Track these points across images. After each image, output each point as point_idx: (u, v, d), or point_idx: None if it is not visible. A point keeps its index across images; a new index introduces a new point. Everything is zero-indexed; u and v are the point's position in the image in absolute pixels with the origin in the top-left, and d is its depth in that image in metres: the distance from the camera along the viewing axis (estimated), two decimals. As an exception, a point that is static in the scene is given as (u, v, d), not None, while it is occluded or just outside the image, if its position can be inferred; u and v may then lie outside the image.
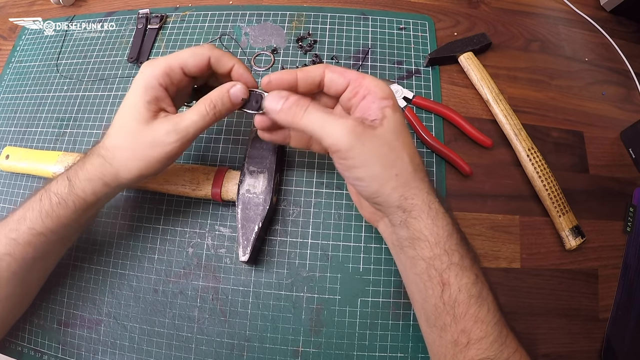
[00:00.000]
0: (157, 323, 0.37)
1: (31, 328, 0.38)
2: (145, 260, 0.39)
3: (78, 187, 0.30)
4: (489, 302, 0.26)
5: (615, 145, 0.45)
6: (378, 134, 0.26)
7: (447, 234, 0.26)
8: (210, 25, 0.49)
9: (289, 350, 0.35)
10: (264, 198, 0.35)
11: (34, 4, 0.56)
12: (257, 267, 0.38)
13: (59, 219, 0.30)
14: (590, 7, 0.52)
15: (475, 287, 0.26)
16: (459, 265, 0.26)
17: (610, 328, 0.37)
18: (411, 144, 0.28)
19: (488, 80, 0.43)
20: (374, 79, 0.28)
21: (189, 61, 0.30)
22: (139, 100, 0.29)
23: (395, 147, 0.27)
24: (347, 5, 0.50)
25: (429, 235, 0.26)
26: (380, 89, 0.27)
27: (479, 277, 0.26)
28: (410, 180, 0.27)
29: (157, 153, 0.29)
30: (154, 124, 0.29)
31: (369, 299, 0.36)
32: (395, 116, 0.27)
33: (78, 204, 0.30)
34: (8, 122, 0.47)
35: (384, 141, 0.26)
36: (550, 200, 0.39)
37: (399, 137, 0.27)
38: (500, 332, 0.25)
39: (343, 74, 0.28)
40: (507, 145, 0.42)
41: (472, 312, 0.25)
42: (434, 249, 0.26)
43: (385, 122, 0.27)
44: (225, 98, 0.30)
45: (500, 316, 0.26)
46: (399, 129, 0.27)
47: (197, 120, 0.29)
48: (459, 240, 0.27)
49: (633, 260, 0.39)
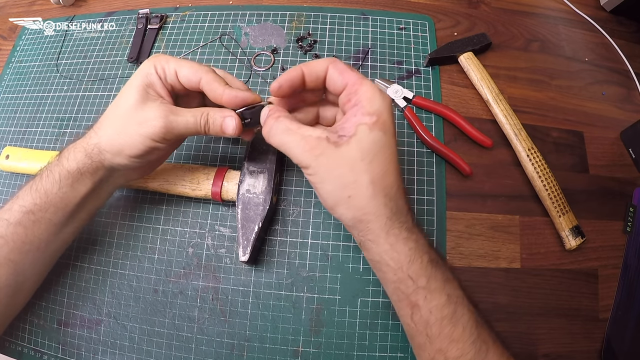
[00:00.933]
0: (157, 323, 0.37)
1: (31, 328, 0.38)
2: (145, 260, 0.39)
3: (64, 157, 0.31)
4: (464, 321, 0.25)
5: (615, 145, 0.45)
6: (340, 153, 0.25)
7: (408, 260, 0.26)
8: (210, 25, 0.49)
9: (289, 350, 0.35)
10: (264, 198, 0.35)
11: (34, 4, 0.56)
12: (257, 267, 0.38)
13: (45, 194, 0.30)
14: (590, 7, 0.52)
15: (448, 308, 0.25)
16: (426, 289, 0.26)
17: (610, 328, 0.37)
18: (383, 165, 0.26)
19: (488, 80, 0.43)
20: (372, 88, 0.26)
21: (184, 69, 0.30)
22: (138, 82, 0.30)
23: (355, 168, 0.25)
24: (347, 5, 0.50)
25: (388, 260, 0.26)
26: (370, 102, 0.26)
27: (451, 297, 0.26)
28: (365, 205, 0.26)
29: (142, 131, 0.29)
30: (148, 105, 0.29)
31: (369, 299, 0.36)
32: (371, 135, 0.25)
33: (62, 175, 0.30)
34: (8, 122, 0.47)
35: (344, 161, 0.25)
36: (550, 200, 0.39)
37: (365, 158, 0.25)
38: (479, 349, 0.25)
39: (343, 73, 0.27)
40: (507, 145, 0.42)
41: (446, 333, 0.25)
42: (397, 273, 0.26)
43: (353, 141, 0.25)
44: (217, 123, 0.30)
45: (479, 332, 0.25)
46: (368, 148, 0.25)
47: (189, 122, 0.30)
48: (426, 263, 0.26)
49: (633, 260, 0.39)
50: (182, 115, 0.29)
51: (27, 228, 0.31)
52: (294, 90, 0.29)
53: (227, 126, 0.30)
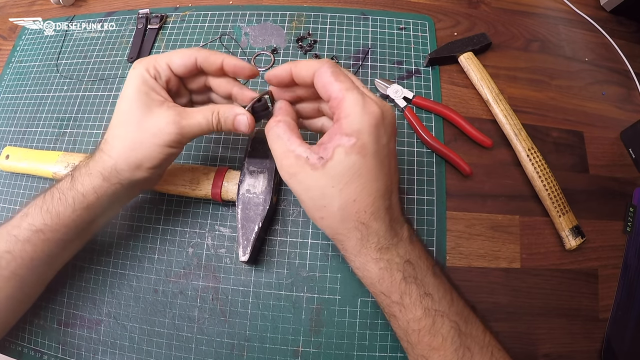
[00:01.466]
0: (157, 323, 0.37)
1: (31, 328, 0.38)
2: (145, 260, 0.39)
3: (79, 181, 0.30)
4: (444, 332, 0.25)
5: (615, 145, 0.45)
6: (314, 176, 0.25)
7: (378, 278, 0.26)
8: (210, 25, 0.49)
9: (289, 350, 0.35)
10: (264, 198, 0.35)
11: (34, 4, 0.56)
12: (257, 267, 0.38)
13: (58, 216, 0.30)
14: (590, 7, 0.52)
15: (425, 321, 0.26)
16: (399, 304, 0.26)
17: (610, 328, 0.37)
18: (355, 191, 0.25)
19: (488, 80, 0.43)
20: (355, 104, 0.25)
21: (175, 59, 0.30)
22: (137, 91, 0.29)
23: (325, 194, 0.25)
24: (347, 5, 0.50)
25: (361, 275, 0.27)
26: (349, 121, 0.24)
27: (428, 311, 0.26)
28: (336, 227, 0.26)
29: (158, 140, 0.28)
30: (155, 112, 0.29)
31: (369, 299, 0.36)
32: (346, 160, 0.24)
33: (77, 200, 0.30)
34: (8, 122, 0.47)
35: (316, 185, 0.25)
36: (550, 200, 0.39)
37: (337, 183, 0.25)
38: (462, 356, 0.25)
39: (325, 87, 0.26)
40: (507, 145, 0.42)
41: (425, 341, 0.26)
42: (371, 287, 0.28)
43: (328, 165, 0.24)
44: (229, 120, 0.30)
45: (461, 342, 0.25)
46: (341, 176, 0.24)
47: (202, 123, 0.29)
48: (398, 281, 0.26)
49: (633, 260, 0.39)
50: (193, 117, 0.29)
51: (36, 246, 0.30)
52: (284, 85, 0.29)
53: (240, 123, 0.29)
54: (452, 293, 0.27)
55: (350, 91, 0.25)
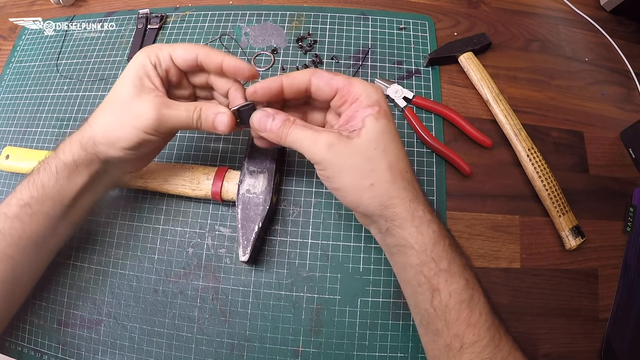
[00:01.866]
0: (157, 323, 0.37)
1: (31, 328, 0.38)
2: (145, 260, 0.39)
3: (60, 150, 0.31)
4: (480, 306, 0.26)
5: (615, 145, 0.45)
6: (354, 145, 0.26)
7: (432, 242, 0.26)
8: (210, 25, 0.49)
9: (289, 350, 0.35)
10: (264, 198, 0.35)
11: (34, 4, 0.56)
12: (257, 267, 0.38)
13: (42, 187, 0.30)
14: (590, 7, 0.52)
15: (466, 292, 0.26)
16: (447, 272, 0.26)
17: (610, 328, 0.37)
18: (395, 151, 0.27)
19: (488, 80, 0.43)
20: (363, 84, 0.27)
21: (178, 51, 0.30)
22: (132, 73, 0.30)
23: (371, 157, 0.26)
24: (347, 5, 0.50)
25: (414, 243, 0.26)
26: (367, 95, 0.27)
27: (469, 282, 0.26)
28: (389, 190, 0.26)
29: (137, 122, 0.29)
30: (143, 97, 0.29)
31: (369, 299, 0.36)
32: (378, 124, 0.26)
33: (59, 168, 0.30)
34: (8, 122, 0.47)
35: (360, 151, 0.26)
36: (550, 200, 0.39)
37: (378, 146, 0.26)
38: (493, 335, 0.25)
39: (330, 81, 0.28)
40: (507, 145, 0.42)
41: (463, 317, 0.26)
42: (420, 256, 0.26)
43: (363, 132, 0.26)
44: (209, 119, 0.30)
45: (493, 319, 0.26)
46: (379, 138, 0.26)
47: (181, 115, 0.30)
48: (447, 246, 0.27)
49: (633, 260, 0.39)
50: (175, 108, 0.30)
51: (24, 222, 0.30)
52: (270, 98, 0.29)
53: (219, 122, 0.30)
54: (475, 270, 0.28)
55: (354, 78, 0.28)
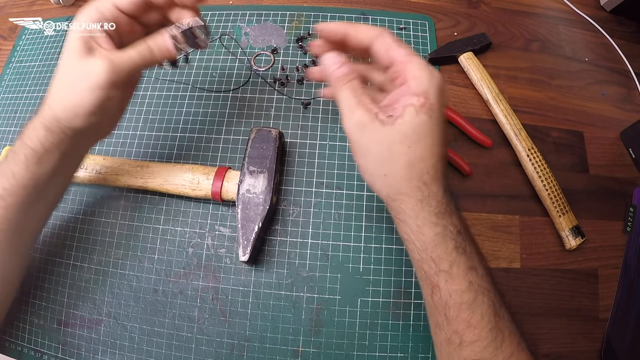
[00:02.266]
0: (157, 323, 0.37)
1: (31, 328, 0.38)
2: (145, 260, 0.39)
3: (26, 137, 0.30)
4: (483, 308, 0.25)
5: (615, 145, 0.45)
6: (384, 131, 0.25)
7: (434, 243, 0.26)
8: (210, 25, 0.49)
9: (289, 350, 0.35)
10: (264, 198, 0.35)
11: (34, 4, 0.56)
12: (257, 267, 0.38)
13: (13, 177, 0.29)
14: (590, 7, 0.52)
15: (468, 294, 0.25)
16: (447, 273, 0.26)
17: (610, 328, 0.37)
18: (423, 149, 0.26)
19: (488, 80, 0.43)
20: (419, 66, 0.26)
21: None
22: (73, 38, 0.29)
23: (394, 150, 0.25)
24: (347, 5, 0.50)
25: (414, 239, 0.26)
26: (418, 82, 0.25)
27: (473, 285, 0.26)
28: (399, 186, 0.26)
29: (89, 83, 0.28)
30: (89, 58, 0.29)
31: (369, 299, 0.36)
32: (416, 118, 0.25)
33: (29, 156, 0.29)
34: (8, 122, 0.47)
35: (386, 140, 0.26)
36: (550, 200, 0.39)
37: (406, 141, 0.25)
38: (495, 337, 0.25)
39: (390, 51, 0.27)
40: (507, 145, 0.42)
41: (463, 317, 0.25)
42: (421, 253, 0.26)
43: (398, 122, 0.25)
44: (160, 43, 0.30)
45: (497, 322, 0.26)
46: (412, 132, 0.25)
47: (133, 55, 0.29)
48: (451, 249, 0.26)
49: (633, 260, 0.39)
50: (125, 53, 0.29)
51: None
52: (333, 40, 0.29)
53: (166, 44, 0.30)
54: (492, 273, 0.27)
55: (414, 56, 0.26)
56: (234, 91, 0.45)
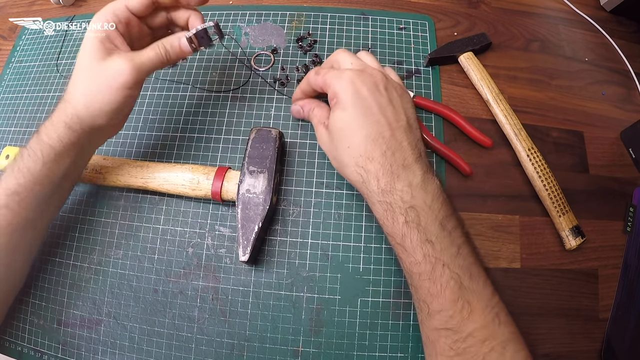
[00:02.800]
0: (157, 323, 0.37)
1: (31, 328, 0.38)
2: (145, 260, 0.39)
3: (44, 134, 0.31)
4: (442, 281, 0.27)
5: (615, 145, 0.45)
6: (325, 134, 0.34)
7: (382, 219, 0.30)
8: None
9: (289, 350, 0.35)
10: (264, 198, 0.35)
11: (34, 4, 0.56)
12: (257, 267, 0.38)
13: (29, 173, 0.30)
14: (590, 7, 0.52)
15: (423, 266, 0.27)
16: (401, 246, 0.29)
17: (610, 328, 0.37)
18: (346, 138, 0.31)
19: (488, 80, 0.43)
20: (332, 76, 0.32)
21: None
22: (92, 40, 0.30)
23: (331, 149, 0.33)
24: (347, 5, 0.50)
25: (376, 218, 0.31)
26: (331, 89, 0.32)
27: (427, 258, 0.27)
28: (346, 175, 0.33)
29: (115, 82, 0.30)
30: (110, 59, 0.30)
31: (369, 299, 0.36)
32: (334, 116, 0.32)
33: (45, 153, 0.30)
34: (8, 122, 0.47)
35: (325, 141, 0.34)
36: (550, 200, 0.39)
37: (334, 137, 0.32)
38: (461, 308, 0.26)
39: (317, 81, 0.34)
40: (507, 145, 0.42)
41: (425, 287, 0.27)
42: (382, 229, 0.31)
43: (329, 124, 0.33)
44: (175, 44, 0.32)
45: (461, 294, 0.26)
46: (335, 129, 0.32)
47: (152, 56, 0.31)
48: (402, 223, 0.28)
49: (633, 260, 0.39)
50: (143, 53, 0.31)
51: (14, 210, 0.30)
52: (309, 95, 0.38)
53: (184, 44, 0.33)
54: (460, 248, 0.28)
55: (329, 72, 0.33)
56: (234, 91, 0.45)
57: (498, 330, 0.26)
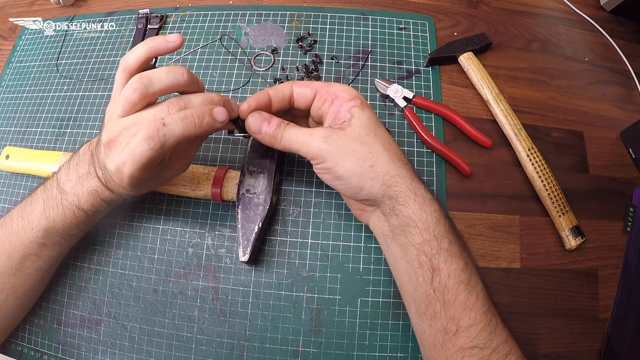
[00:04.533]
0: (157, 323, 0.37)
1: (31, 328, 0.38)
2: (145, 260, 0.39)
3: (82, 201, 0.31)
4: (477, 290, 0.26)
5: (615, 145, 0.45)
6: (347, 133, 0.28)
7: (435, 220, 0.27)
8: (210, 25, 0.49)
9: (289, 350, 0.35)
10: (264, 198, 0.35)
11: (34, 4, 0.56)
12: (257, 267, 0.38)
13: (64, 234, 0.32)
14: (590, 7, 0.52)
15: (464, 274, 0.26)
16: (448, 251, 0.27)
17: (610, 328, 0.37)
18: (385, 136, 0.29)
19: (488, 80, 0.43)
20: (339, 84, 0.31)
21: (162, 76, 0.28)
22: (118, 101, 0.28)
23: (366, 142, 0.28)
24: (347, 5, 0.50)
25: (417, 221, 0.27)
26: (346, 92, 0.30)
27: (468, 265, 0.27)
28: (389, 169, 0.28)
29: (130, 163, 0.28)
30: None
31: (369, 299, 0.36)
32: (364, 113, 0.29)
33: (79, 217, 0.31)
34: (8, 122, 0.47)
35: (354, 138, 0.28)
36: (550, 200, 0.39)
37: (369, 132, 0.28)
38: (489, 321, 0.26)
39: (309, 85, 0.31)
40: (507, 145, 0.42)
41: (460, 299, 0.26)
42: (424, 234, 0.27)
43: (353, 121, 0.28)
44: (205, 113, 0.28)
45: (489, 306, 0.27)
46: (369, 124, 0.29)
47: (176, 129, 0.26)
48: (448, 227, 0.28)
49: (633, 260, 0.39)
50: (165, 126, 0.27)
51: (63, 247, 0.33)
52: (261, 109, 0.31)
53: (217, 113, 0.28)
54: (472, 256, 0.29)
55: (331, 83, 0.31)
56: (234, 91, 0.45)
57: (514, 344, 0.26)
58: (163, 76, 0.27)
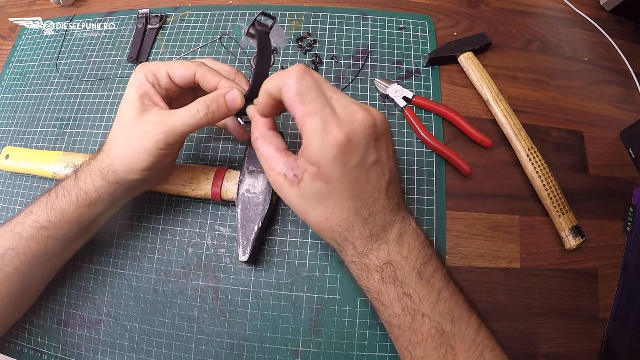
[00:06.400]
0: (157, 323, 0.37)
1: (31, 328, 0.38)
2: (145, 260, 0.39)
3: (81, 179, 0.31)
4: (423, 330, 0.26)
5: (615, 145, 0.45)
6: (294, 192, 0.27)
7: (357, 277, 0.29)
8: (210, 25, 0.49)
9: (289, 350, 0.35)
10: (264, 198, 0.35)
11: (34, 4, 0.56)
12: (257, 267, 0.38)
13: (61, 213, 0.31)
14: (590, 7, 0.52)
15: (403, 318, 0.27)
16: (379, 300, 0.28)
17: (610, 328, 0.37)
18: (325, 212, 0.26)
19: (488, 80, 0.43)
20: (313, 133, 0.24)
21: (176, 69, 0.30)
22: (133, 95, 0.30)
23: (303, 212, 0.28)
24: (347, 5, 0.50)
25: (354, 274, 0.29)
26: (310, 152, 0.25)
27: (407, 310, 0.26)
28: (320, 234, 0.29)
29: (146, 142, 0.29)
30: (146, 116, 0.30)
31: (369, 299, 0.36)
32: (313, 185, 0.25)
33: (80, 198, 0.31)
34: (8, 122, 0.48)
35: (297, 200, 0.27)
36: (550, 200, 0.39)
37: (310, 204, 0.27)
38: (445, 353, 0.26)
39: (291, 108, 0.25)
40: (507, 145, 0.42)
41: (406, 337, 0.27)
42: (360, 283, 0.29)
43: (300, 186, 0.26)
44: (221, 101, 0.30)
45: (443, 341, 0.26)
46: (311, 198, 0.26)
47: (185, 117, 0.29)
48: (378, 280, 0.27)
49: (633, 260, 0.39)
50: (177, 113, 0.29)
51: (40, 243, 0.31)
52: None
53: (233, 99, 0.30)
54: (441, 293, 0.27)
55: (310, 117, 0.24)
56: (234, 91, 0.45)
57: None
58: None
